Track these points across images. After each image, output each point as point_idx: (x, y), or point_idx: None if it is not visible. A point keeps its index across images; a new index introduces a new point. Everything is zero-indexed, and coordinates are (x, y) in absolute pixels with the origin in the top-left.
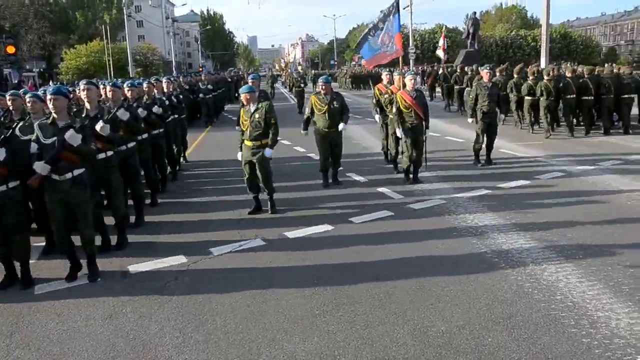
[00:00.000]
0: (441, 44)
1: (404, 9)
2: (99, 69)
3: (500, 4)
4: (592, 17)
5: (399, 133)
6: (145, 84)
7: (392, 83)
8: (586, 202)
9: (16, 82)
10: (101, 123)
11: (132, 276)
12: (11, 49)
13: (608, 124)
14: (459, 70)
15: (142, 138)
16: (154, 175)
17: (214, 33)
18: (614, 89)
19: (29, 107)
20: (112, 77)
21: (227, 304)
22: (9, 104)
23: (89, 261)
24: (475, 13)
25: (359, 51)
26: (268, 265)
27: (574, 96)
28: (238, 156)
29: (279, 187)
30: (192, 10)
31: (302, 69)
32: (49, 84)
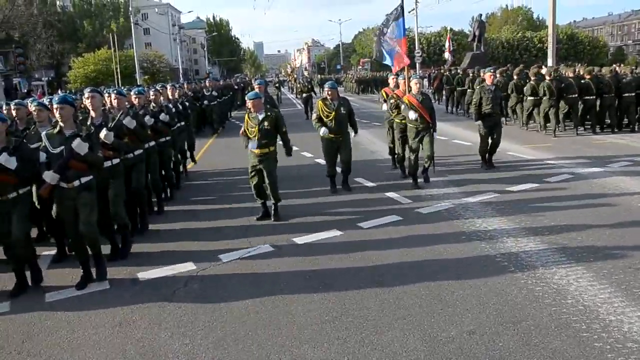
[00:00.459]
0: (447, 46)
1: (409, 12)
2: (107, 77)
3: (506, 5)
4: (599, 17)
5: (412, 116)
6: (151, 91)
7: (398, 87)
8: (596, 204)
9: (25, 91)
10: (105, 131)
11: (142, 283)
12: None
13: (615, 121)
14: (460, 72)
15: (149, 146)
16: (160, 183)
17: (220, 39)
18: (614, 88)
19: (35, 115)
20: (120, 85)
21: (236, 310)
22: (14, 113)
23: (95, 261)
24: (481, 15)
25: (382, 60)
26: (277, 271)
27: (575, 95)
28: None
29: (287, 193)
30: (198, 17)
31: (309, 74)
32: (57, 92)
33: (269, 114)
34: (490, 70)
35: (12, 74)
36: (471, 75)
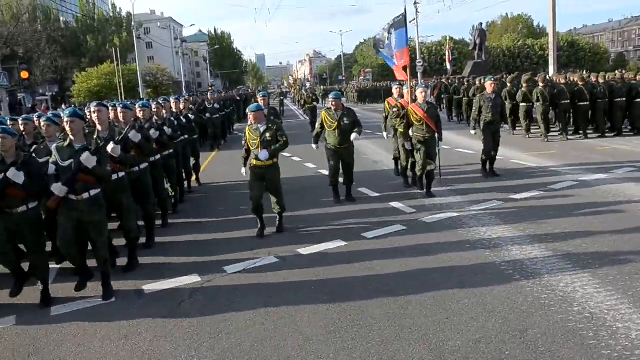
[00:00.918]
0: (447, 56)
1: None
2: (110, 91)
3: (506, 14)
4: (599, 23)
5: (407, 146)
6: (154, 105)
7: (402, 97)
8: (600, 211)
9: (30, 106)
10: (112, 144)
11: (147, 296)
12: (25, 74)
13: (603, 127)
14: (457, 81)
15: (154, 159)
16: (165, 196)
17: (222, 52)
18: (608, 93)
19: (44, 130)
20: (123, 99)
21: (241, 322)
22: (22, 128)
23: (103, 281)
24: (481, 24)
25: (389, 64)
26: (282, 282)
27: (568, 102)
28: (243, 172)
29: (291, 204)
30: (200, 30)
31: (311, 85)
32: (62, 106)
33: (270, 125)
34: (491, 79)
35: (17, 89)
36: (466, 84)
